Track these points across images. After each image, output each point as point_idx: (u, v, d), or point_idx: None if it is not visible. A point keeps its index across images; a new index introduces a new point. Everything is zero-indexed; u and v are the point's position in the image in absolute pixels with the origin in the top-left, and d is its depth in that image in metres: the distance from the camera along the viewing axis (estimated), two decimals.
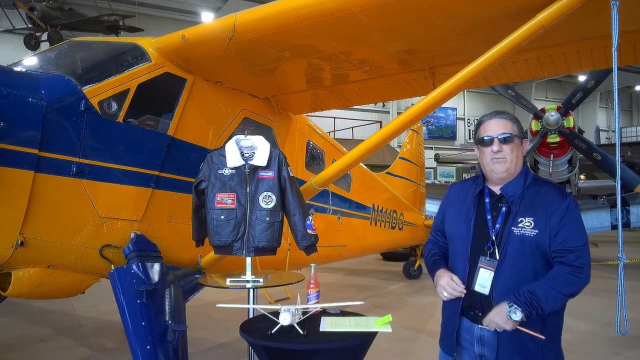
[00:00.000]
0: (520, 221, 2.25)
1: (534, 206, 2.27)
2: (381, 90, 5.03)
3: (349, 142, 16.92)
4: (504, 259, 2.25)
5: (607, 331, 6.19)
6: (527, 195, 2.30)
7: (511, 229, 2.26)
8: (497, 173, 2.37)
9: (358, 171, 7.24)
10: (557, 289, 2.16)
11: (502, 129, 2.36)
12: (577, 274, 2.17)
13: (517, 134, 2.37)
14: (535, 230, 2.21)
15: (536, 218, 2.23)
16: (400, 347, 5.69)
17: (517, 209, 2.28)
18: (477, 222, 2.39)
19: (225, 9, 19.84)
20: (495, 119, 2.40)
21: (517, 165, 2.36)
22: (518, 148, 2.37)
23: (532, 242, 2.21)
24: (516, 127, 2.39)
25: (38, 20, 15.93)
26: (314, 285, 3.09)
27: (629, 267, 2.88)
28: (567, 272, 2.17)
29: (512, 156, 2.34)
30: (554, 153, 10.53)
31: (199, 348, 5.62)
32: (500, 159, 2.34)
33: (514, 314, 2.13)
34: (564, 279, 2.17)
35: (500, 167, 2.35)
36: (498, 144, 2.34)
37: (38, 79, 3.59)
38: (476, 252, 2.34)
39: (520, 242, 2.23)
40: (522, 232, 2.23)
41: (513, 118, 2.42)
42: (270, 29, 3.67)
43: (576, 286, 2.19)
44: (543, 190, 2.31)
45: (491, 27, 3.44)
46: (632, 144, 23.02)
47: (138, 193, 3.93)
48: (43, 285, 3.65)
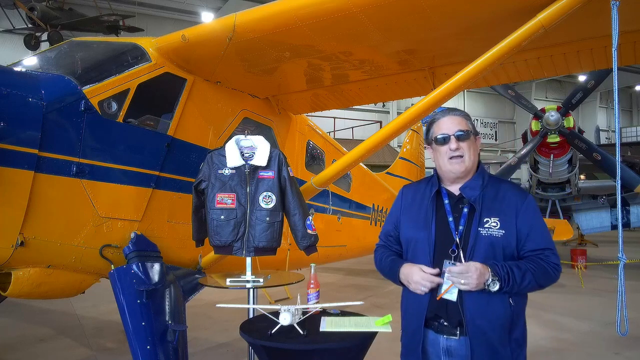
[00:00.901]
0: (486, 221, 2.18)
1: (497, 206, 2.21)
2: (381, 90, 5.03)
3: (349, 142, 16.92)
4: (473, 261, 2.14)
5: (607, 331, 6.19)
6: (487, 195, 2.25)
7: (478, 230, 2.18)
8: (455, 173, 2.30)
9: (358, 171, 7.24)
10: (534, 276, 2.14)
11: (457, 126, 2.30)
12: (553, 271, 2.19)
13: (472, 130, 2.32)
14: (502, 230, 2.16)
15: (501, 218, 2.18)
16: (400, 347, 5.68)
17: (480, 209, 2.21)
18: (438, 225, 2.27)
19: (225, 9, 19.84)
20: (449, 116, 2.33)
21: (474, 162, 2.31)
22: (473, 144, 2.31)
23: (500, 243, 2.16)
24: (470, 123, 2.34)
25: (38, 20, 15.93)
26: (314, 285, 3.09)
27: (629, 267, 2.88)
28: (544, 265, 2.17)
29: (469, 153, 2.28)
30: (554, 153, 10.54)
31: (199, 348, 5.63)
32: (457, 158, 2.27)
33: (493, 285, 2.10)
34: (542, 269, 2.16)
35: (459, 167, 2.28)
36: (455, 141, 2.27)
37: (38, 79, 3.59)
38: (439, 257, 2.23)
39: (489, 243, 2.16)
40: (490, 233, 2.17)
41: (465, 114, 2.37)
42: (270, 29, 3.67)
43: (550, 280, 2.20)
44: (503, 189, 2.27)
45: (491, 27, 3.44)
46: (632, 144, 23.03)
47: (138, 193, 3.93)
48: (43, 285, 3.65)
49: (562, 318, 7.02)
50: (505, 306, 2.16)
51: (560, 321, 6.84)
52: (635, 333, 3.77)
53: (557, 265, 2.21)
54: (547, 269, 2.17)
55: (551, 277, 2.20)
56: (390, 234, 2.52)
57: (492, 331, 2.14)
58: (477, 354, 2.15)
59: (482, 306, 2.15)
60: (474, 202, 2.23)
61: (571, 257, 11.83)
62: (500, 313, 2.15)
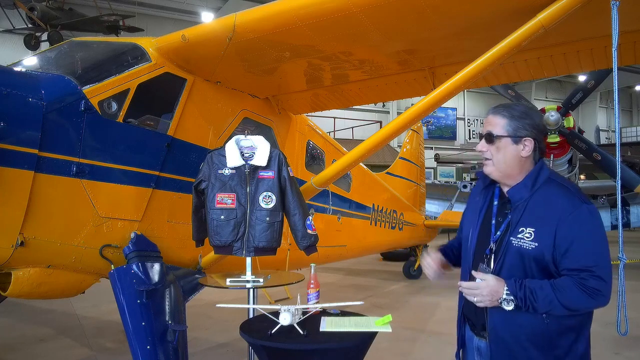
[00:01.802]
0: (520, 231, 2.03)
1: (538, 214, 2.03)
2: (381, 90, 5.03)
3: (349, 142, 16.91)
4: (500, 270, 2.07)
5: (607, 331, 6.16)
6: (534, 201, 2.06)
7: (510, 239, 2.06)
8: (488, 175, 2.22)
9: (358, 171, 7.24)
10: (561, 300, 1.94)
11: (488, 127, 2.16)
12: (589, 294, 1.94)
13: (506, 134, 2.10)
14: (534, 242, 1.99)
15: (538, 229, 2.00)
16: (400, 347, 5.69)
17: (520, 216, 2.06)
18: (483, 226, 2.23)
19: (225, 9, 19.83)
20: (490, 114, 2.19)
21: (508, 168, 2.13)
22: (507, 148, 2.11)
23: (530, 256, 2.01)
24: (511, 125, 2.11)
25: (38, 20, 15.92)
26: (314, 285, 3.09)
27: (629, 267, 2.88)
28: (579, 288, 1.94)
29: (498, 157, 2.12)
30: (554, 153, 10.52)
31: (199, 348, 5.63)
32: (486, 160, 2.17)
33: (506, 303, 1.99)
34: (571, 292, 1.94)
35: (485, 169, 2.19)
36: (482, 143, 2.17)
37: (38, 79, 3.59)
38: (477, 258, 2.20)
39: (518, 254, 2.03)
40: (520, 244, 2.02)
41: (510, 114, 2.13)
42: (270, 29, 3.67)
43: (584, 304, 1.98)
44: (554, 196, 2.05)
45: (491, 27, 3.44)
46: (632, 144, 22.98)
47: (138, 193, 3.93)
48: (43, 285, 3.65)
49: None
50: (534, 321, 2.01)
51: None
52: (635, 333, 3.77)
53: (597, 290, 1.94)
54: (582, 293, 1.94)
55: (586, 303, 1.97)
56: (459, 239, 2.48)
57: (515, 343, 2.04)
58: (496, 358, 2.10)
59: (507, 316, 2.03)
60: (515, 208, 2.11)
61: None
62: (527, 327, 2.02)
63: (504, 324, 2.06)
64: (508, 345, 2.06)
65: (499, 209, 2.21)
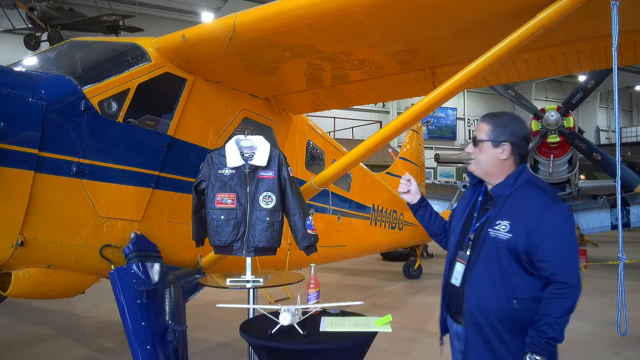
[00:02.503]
0: (497, 223, 2.26)
1: (515, 210, 2.26)
2: (381, 90, 5.03)
3: (349, 142, 16.92)
4: (477, 258, 2.30)
5: (607, 331, 6.19)
6: (512, 198, 2.30)
7: (487, 230, 2.29)
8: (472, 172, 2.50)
9: (358, 171, 7.24)
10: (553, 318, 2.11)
11: (477, 132, 2.45)
12: (562, 296, 2.12)
13: (488, 138, 2.37)
14: (509, 234, 2.21)
15: (513, 222, 2.22)
16: (400, 347, 5.69)
17: (499, 211, 2.30)
18: (467, 219, 2.49)
19: (225, 9, 19.84)
20: (482, 121, 2.47)
21: (492, 167, 2.38)
22: (487, 151, 2.38)
23: (504, 245, 2.21)
24: (494, 131, 2.37)
25: (38, 20, 15.93)
26: (314, 285, 3.09)
27: (629, 267, 2.88)
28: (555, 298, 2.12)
29: (480, 157, 2.41)
30: (554, 153, 10.52)
31: (199, 348, 5.63)
32: (472, 160, 2.46)
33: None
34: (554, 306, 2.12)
35: (470, 167, 2.49)
36: (470, 145, 2.48)
37: (38, 79, 3.58)
38: (459, 246, 2.46)
39: (493, 244, 2.25)
40: (496, 235, 2.24)
41: (495, 122, 2.40)
42: (270, 29, 3.67)
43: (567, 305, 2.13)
44: (530, 195, 2.27)
45: (491, 27, 3.44)
46: (632, 144, 22.98)
47: (138, 193, 3.93)
48: (43, 285, 3.65)
49: None
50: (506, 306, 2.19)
51: None
52: (635, 333, 3.77)
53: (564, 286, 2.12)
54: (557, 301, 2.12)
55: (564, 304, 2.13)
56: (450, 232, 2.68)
57: (489, 327, 2.22)
58: (472, 344, 2.29)
59: (481, 300, 2.25)
60: (495, 204, 2.36)
61: None
62: (499, 312, 2.20)
63: (478, 309, 2.25)
64: (482, 329, 2.24)
65: (482, 204, 2.47)
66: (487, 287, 2.23)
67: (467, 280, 2.32)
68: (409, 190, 2.70)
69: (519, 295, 2.18)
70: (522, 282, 2.19)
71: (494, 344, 2.21)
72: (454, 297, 2.41)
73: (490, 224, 2.29)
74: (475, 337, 2.26)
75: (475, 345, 2.26)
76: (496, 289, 2.21)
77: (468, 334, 2.30)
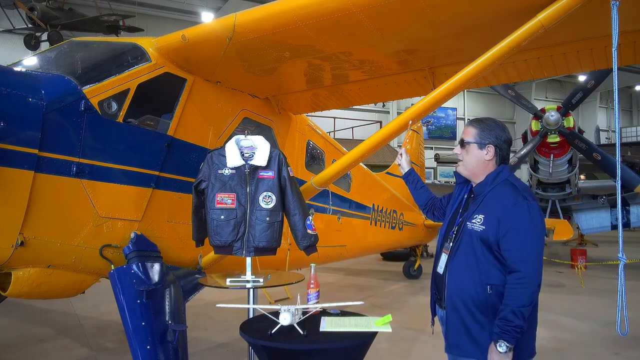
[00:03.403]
0: (474, 217, 2.50)
1: (490, 205, 2.49)
2: (381, 90, 5.03)
3: (349, 142, 16.92)
4: (457, 248, 2.53)
5: (607, 331, 6.19)
6: (490, 195, 2.53)
7: (466, 223, 2.53)
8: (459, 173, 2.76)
9: (358, 171, 7.24)
10: (516, 306, 2.28)
11: (464, 135, 2.69)
12: (520, 285, 2.30)
13: (475, 141, 2.61)
14: (482, 226, 2.44)
15: (487, 215, 2.45)
16: (400, 347, 5.69)
17: (477, 206, 2.53)
18: (454, 214, 2.75)
19: (225, 9, 19.84)
20: (467, 125, 2.73)
21: (473, 167, 2.63)
22: (475, 152, 2.62)
23: (478, 236, 2.44)
24: (479, 134, 2.61)
25: (38, 20, 15.93)
26: (314, 285, 3.09)
27: (629, 267, 2.88)
28: (515, 287, 2.31)
29: (467, 158, 2.65)
30: (554, 153, 10.53)
31: (199, 348, 5.63)
32: (459, 161, 2.72)
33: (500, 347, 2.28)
34: (515, 295, 2.30)
35: (458, 167, 2.75)
36: (458, 147, 2.73)
37: (38, 79, 3.58)
38: (445, 239, 2.70)
39: (469, 235, 2.49)
40: (472, 227, 2.48)
41: (481, 126, 2.63)
42: (270, 29, 3.67)
43: (525, 294, 2.30)
44: (503, 192, 2.49)
45: (491, 27, 3.44)
46: (632, 144, 23.00)
47: (138, 193, 3.93)
48: (43, 285, 3.65)
49: (562, 318, 7.01)
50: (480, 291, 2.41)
51: (560, 321, 6.83)
52: (635, 333, 3.77)
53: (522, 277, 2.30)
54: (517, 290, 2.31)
55: (524, 293, 2.30)
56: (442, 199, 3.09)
57: (466, 311, 2.44)
58: (452, 326, 2.50)
59: (459, 286, 2.48)
60: (474, 200, 2.62)
61: (571, 257, 11.83)
62: (474, 297, 2.42)
63: (457, 294, 2.48)
64: (460, 312, 2.46)
65: (467, 201, 2.72)
66: (465, 275, 2.46)
67: (448, 268, 2.55)
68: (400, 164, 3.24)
69: (492, 282, 2.39)
70: (495, 270, 2.40)
71: (469, 326, 2.42)
72: (439, 285, 2.65)
73: (469, 217, 2.53)
74: (454, 320, 2.48)
75: (454, 326, 2.49)
76: (472, 277, 2.43)
77: (448, 317, 2.52)
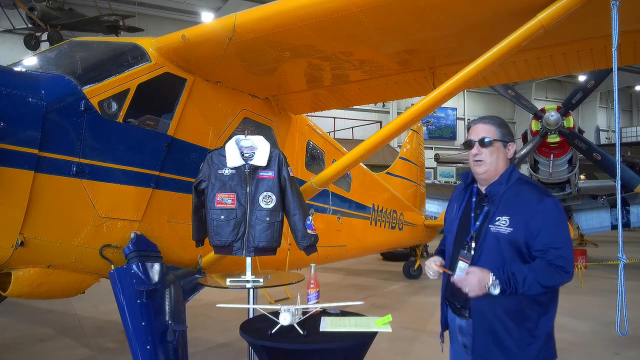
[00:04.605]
0: (497, 219, 2.38)
1: (512, 206, 2.38)
2: (381, 90, 5.03)
3: (349, 142, 16.92)
4: (480, 253, 2.39)
5: (607, 331, 6.19)
6: (507, 195, 2.42)
7: (488, 227, 2.40)
8: (477, 174, 2.54)
9: (358, 171, 7.24)
10: (536, 278, 2.25)
11: (483, 133, 2.50)
12: (557, 271, 2.27)
13: (499, 138, 2.48)
14: (509, 228, 2.33)
15: (512, 217, 2.34)
16: (400, 347, 5.69)
17: (497, 208, 2.41)
18: (462, 219, 2.57)
19: (225, 9, 19.83)
20: (480, 123, 2.55)
21: (498, 167, 2.48)
22: (499, 151, 2.48)
23: (505, 239, 2.33)
24: (500, 132, 2.49)
25: (38, 20, 15.92)
26: (314, 285, 3.09)
27: (629, 267, 2.88)
28: (549, 266, 2.27)
29: (491, 159, 2.47)
30: (554, 153, 10.52)
31: (198, 348, 5.63)
32: (479, 162, 2.49)
33: (493, 288, 2.26)
34: (544, 271, 2.27)
35: (479, 169, 2.50)
36: (477, 147, 2.50)
37: (38, 79, 3.58)
38: (458, 246, 2.53)
39: (495, 238, 2.36)
40: (498, 230, 2.36)
41: (498, 123, 2.53)
42: (270, 29, 3.67)
43: (555, 280, 2.30)
44: (523, 191, 2.41)
45: (491, 27, 3.44)
46: (632, 144, 23.01)
47: (138, 193, 3.93)
48: (43, 285, 3.65)
49: (562, 318, 6.97)
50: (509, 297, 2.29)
51: (560, 321, 6.76)
52: (635, 333, 3.77)
53: (563, 266, 2.27)
54: (552, 271, 2.27)
55: (556, 279, 2.29)
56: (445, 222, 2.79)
57: (495, 318, 2.32)
58: (479, 336, 2.38)
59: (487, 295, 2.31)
60: (492, 201, 2.46)
61: None
62: (504, 302, 2.30)
63: (485, 301, 2.34)
64: (488, 320, 2.35)
65: (477, 204, 2.55)
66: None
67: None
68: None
69: None
70: None
71: (500, 334, 2.32)
72: (458, 294, 2.45)
73: (490, 220, 2.40)
74: (482, 329, 2.36)
75: (482, 336, 2.36)
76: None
77: (475, 326, 2.38)
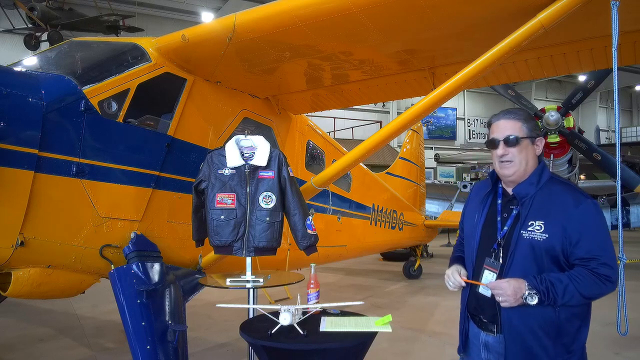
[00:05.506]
0: (530, 224, 2.14)
1: (546, 209, 2.14)
2: (381, 90, 5.03)
3: (349, 142, 16.91)
4: (512, 262, 2.16)
5: (607, 331, 6.18)
6: (539, 197, 2.19)
7: (520, 233, 2.15)
8: (504, 177, 2.30)
9: (358, 171, 7.24)
10: (578, 289, 2.06)
11: (508, 131, 2.25)
12: (601, 281, 2.08)
13: (527, 135, 2.24)
14: (545, 234, 2.10)
15: (547, 222, 2.11)
16: (400, 347, 5.69)
17: (528, 211, 2.17)
18: (487, 223, 2.32)
19: (225, 9, 19.83)
20: (503, 119, 2.29)
21: (528, 166, 2.25)
22: (528, 149, 2.25)
23: (541, 247, 2.11)
24: (526, 127, 2.25)
25: (38, 20, 15.92)
26: (314, 285, 3.09)
27: (629, 267, 2.88)
28: (592, 276, 2.07)
29: (519, 158, 2.23)
30: (554, 153, 10.51)
31: (198, 348, 5.62)
32: (507, 163, 2.25)
33: (530, 298, 2.06)
34: (587, 281, 2.06)
35: (507, 171, 2.26)
36: (503, 146, 2.25)
37: (38, 79, 3.58)
38: (482, 254, 2.29)
39: (530, 246, 2.13)
40: (532, 236, 2.12)
41: (523, 117, 2.27)
42: (270, 29, 3.67)
43: (598, 291, 2.10)
44: (557, 192, 2.18)
45: (491, 27, 3.44)
46: (632, 144, 23.03)
47: (138, 193, 3.93)
48: (43, 285, 3.65)
49: None
50: (546, 310, 2.11)
51: None
52: (635, 333, 3.77)
53: (608, 276, 2.08)
54: (595, 280, 2.07)
55: (601, 289, 2.09)
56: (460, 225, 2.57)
57: (529, 333, 2.12)
58: (512, 353, 2.16)
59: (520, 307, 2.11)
60: (522, 204, 2.21)
61: None
62: (539, 316, 2.11)
63: (518, 315, 2.12)
64: (522, 335, 2.13)
65: (503, 206, 2.30)
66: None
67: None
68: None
69: None
70: None
71: (535, 351, 2.11)
72: (484, 307, 2.25)
73: (521, 225, 2.16)
74: (514, 346, 2.15)
75: (515, 354, 2.15)
76: None
77: (507, 343, 2.16)
